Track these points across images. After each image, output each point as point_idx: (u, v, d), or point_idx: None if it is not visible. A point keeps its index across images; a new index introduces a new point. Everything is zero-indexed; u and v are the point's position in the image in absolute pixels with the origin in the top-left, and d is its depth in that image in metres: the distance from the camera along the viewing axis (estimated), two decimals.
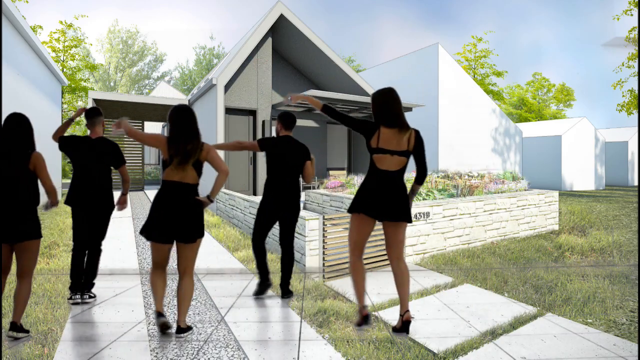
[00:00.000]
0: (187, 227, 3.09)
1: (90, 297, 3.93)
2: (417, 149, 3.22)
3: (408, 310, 3.16)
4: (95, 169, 3.92)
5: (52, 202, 3.27)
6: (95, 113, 4.03)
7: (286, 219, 4.11)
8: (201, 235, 3.18)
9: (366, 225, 3.19)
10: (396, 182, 3.15)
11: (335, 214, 5.26)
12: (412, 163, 3.31)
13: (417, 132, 3.24)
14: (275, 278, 4.62)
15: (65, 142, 3.96)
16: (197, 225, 3.14)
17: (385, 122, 3.17)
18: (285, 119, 4.17)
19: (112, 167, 4.05)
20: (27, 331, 3.15)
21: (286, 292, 4.15)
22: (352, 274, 3.22)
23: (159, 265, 3.23)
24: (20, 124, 3.16)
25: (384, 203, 3.11)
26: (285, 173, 4.06)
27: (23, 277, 3.11)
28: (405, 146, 3.16)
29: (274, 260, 5.46)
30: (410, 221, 3.25)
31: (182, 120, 3.14)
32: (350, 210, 3.20)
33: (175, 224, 3.08)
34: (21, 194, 3.05)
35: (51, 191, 3.20)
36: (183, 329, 3.20)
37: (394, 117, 3.18)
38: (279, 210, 4.07)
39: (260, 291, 4.17)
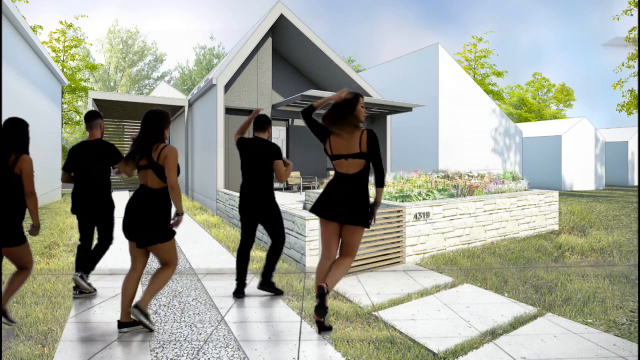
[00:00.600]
0: (143, 231, 3.07)
1: (90, 289, 4.04)
2: (370, 149, 3.15)
3: (327, 284, 3.08)
4: (96, 169, 3.99)
5: (34, 224, 3.22)
6: (93, 116, 4.11)
7: (266, 219, 4.09)
8: (160, 240, 3.08)
9: (327, 225, 3.25)
10: (353, 185, 3.14)
11: None
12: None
13: (369, 132, 3.16)
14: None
15: (69, 156, 4.08)
16: (154, 230, 3.06)
17: (331, 126, 3.20)
18: (256, 120, 4.22)
19: (111, 167, 4.11)
20: (12, 321, 3.23)
21: (263, 283, 4.14)
22: (315, 272, 3.30)
23: (132, 266, 3.24)
24: (16, 127, 3.17)
25: (336, 205, 3.15)
26: (253, 174, 4.07)
27: (21, 268, 3.21)
28: (358, 148, 3.13)
29: None
30: (366, 226, 3.17)
31: (142, 122, 3.21)
32: (310, 210, 3.31)
33: (134, 226, 3.09)
34: (7, 196, 3.05)
35: (31, 196, 3.12)
36: (138, 308, 3.11)
37: (337, 121, 3.16)
38: (253, 210, 4.06)
39: (237, 294, 4.15)
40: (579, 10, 63.78)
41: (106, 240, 4.15)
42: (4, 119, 3.24)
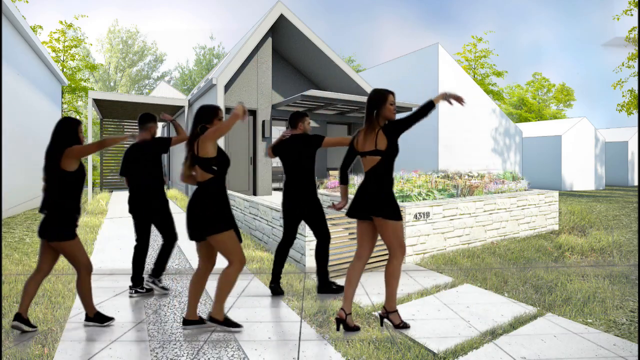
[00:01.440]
0: (193, 225, 3.17)
1: (163, 287, 4.20)
2: (401, 128, 3.17)
3: (386, 307, 3.28)
4: (143, 172, 4.07)
5: (129, 138, 3.45)
6: (146, 119, 4.17)
7: (307, 216, 4.17)
8: (209, 232, 3.12)
9: (360, 224, 3.31)
10: (371, 177, 3.18)
11: (335, 214, 5.26)
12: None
13: (383, 128, 3.18)
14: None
15: (123, 160, 4.16)
16: (201, 222, 3.12)
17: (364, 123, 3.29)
18: (289, 119, 4.28)
19: (165, 151, 4.21)
20: (111, 318, 3.36)
21: (321, 287, 4.21)
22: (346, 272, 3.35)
23: (201, 264, 3.34)
24: (64, 127, 3.20)
25: (360, 202, 3.21)
26: (291, 171, 4.17)
27: (77, 272, 3.26)
28: (373, 146, 3.16)
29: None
30: (392, 218, 3.15)
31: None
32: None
33: (195, 223, 3.17)
34: (54, 195, 3.14)
35: (104, 142, 3.25)
36: (212, 319, 3.22)
37: (365, 118, 3.25)
38: (293, 209, 4.16)
39: (272, 292, 4.21)
40: (579, 10, 63.85)
41: (171, 237, 4.18)
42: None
